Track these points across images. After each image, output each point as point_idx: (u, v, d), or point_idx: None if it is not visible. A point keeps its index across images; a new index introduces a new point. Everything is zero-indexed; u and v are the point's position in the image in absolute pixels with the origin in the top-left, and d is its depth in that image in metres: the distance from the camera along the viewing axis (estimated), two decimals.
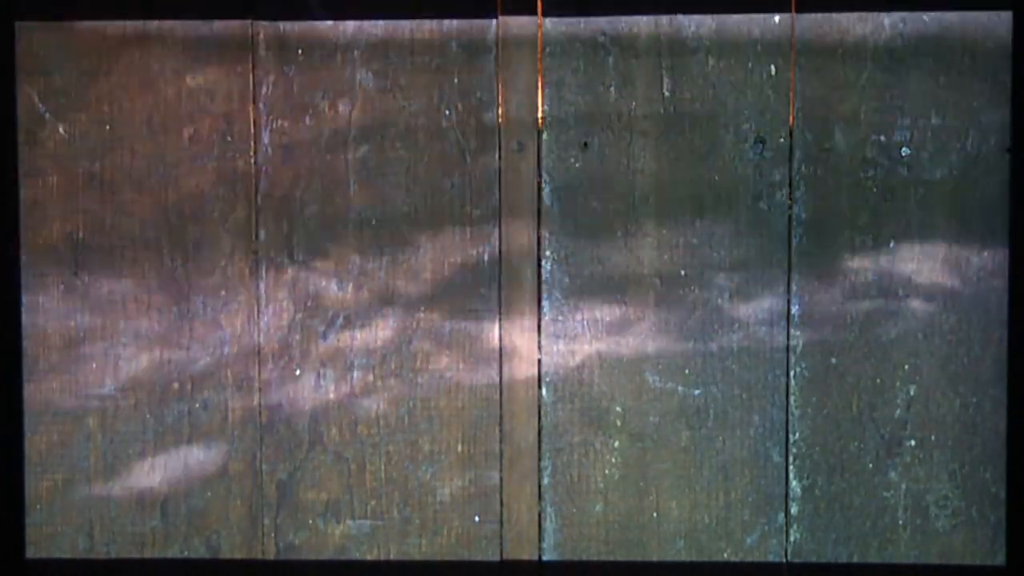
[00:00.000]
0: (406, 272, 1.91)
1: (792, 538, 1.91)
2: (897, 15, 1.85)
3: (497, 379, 1.91)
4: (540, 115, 1.89)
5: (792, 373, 1.89)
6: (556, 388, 1.91)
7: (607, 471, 1.92)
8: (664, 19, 1.87)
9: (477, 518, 1.93)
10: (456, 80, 1.89)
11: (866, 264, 1.87)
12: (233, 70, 1.90)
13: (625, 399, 1.90)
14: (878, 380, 1.89)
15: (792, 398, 1.89)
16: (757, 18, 1.86)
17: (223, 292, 1.92)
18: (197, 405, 1.93)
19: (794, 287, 1.88)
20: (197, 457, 1.94)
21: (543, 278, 1.90)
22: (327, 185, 1.90)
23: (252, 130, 1.90)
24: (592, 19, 1.87)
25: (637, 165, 1.88)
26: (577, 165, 1.89)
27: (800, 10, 1.86)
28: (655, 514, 1.92)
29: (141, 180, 1.91)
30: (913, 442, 1.89)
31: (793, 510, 1.91)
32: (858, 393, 1.89)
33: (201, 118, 1.91)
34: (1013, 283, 1.86)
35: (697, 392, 1.90)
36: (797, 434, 1.90)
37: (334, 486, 1.93)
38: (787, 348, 1.89)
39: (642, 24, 1.87)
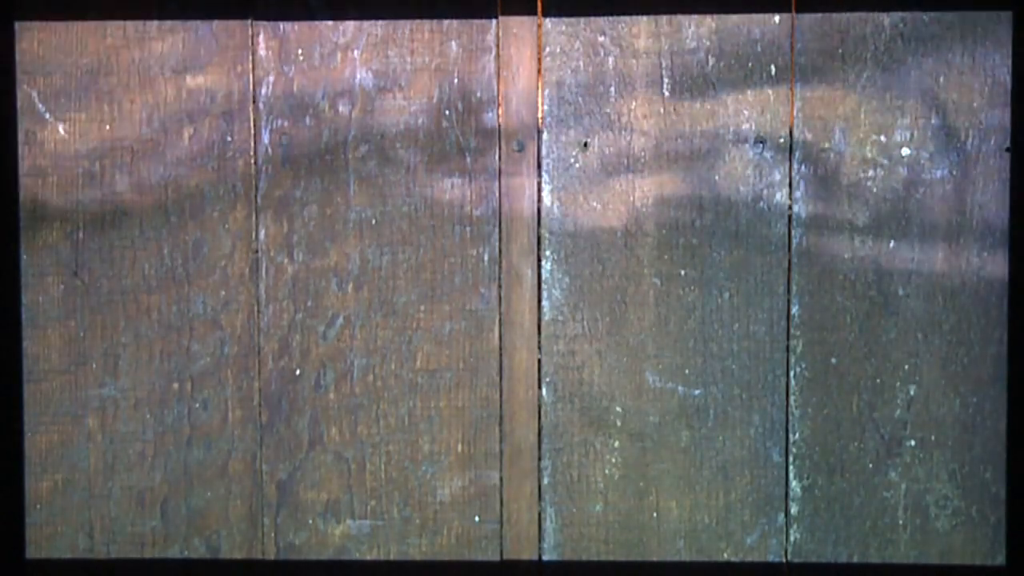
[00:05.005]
0: (406, 272, 1.91)
1: (792, 538, 1.91)
2: (897, 15, 1.85)
3: (497, 379, 1.91)
4: (540, 115, 1.89)
5: (792, 373, 1.89)
6: (556, 388, 1.91)
7: (607, 471, 1.92)
8: (664, 19, 1.87)
9: (477, 518, 1.93)
10: (456, 80, 1.89)
11: (866, 263, 1.87)
12: (233, 70, 1.90)
13: (625, 399, 1.90)
14: (878, 380, 1.89)
15: (792, 398, 1.89)
16: (757, 18, 1.86)
17: (223, 292, 1.92)
18: (197, 405, 1.93)
19: (794, 287, 1.88)
20: (197, 457, 1.94)
21: (543, 278, 1.90)
22: (327, 185, 1.90)
23: (252, 130, 1.91)
24: (592, 19, 1.87)
25: (637, 165, 1.88)
26: (577, 165, 1.89)
27: (800, 10, 1.86)
28: (655, 514, 1.92)
29: (141, 180, 1.91)
30: (913, 442, 1.89)
31: (793, 510, 1.91)
32: (858, 393, 1.89)
33: (201, 118, 1.91)
34: (1013, 283, 1.86)
35: (697, 392, 1.90)
36: (797, 434, 1.90)
37: (334, 486, 1.94)
38: (787, 348, 1.89)
39: (642, 24, 1.87)
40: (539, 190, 1.89)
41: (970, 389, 1.88)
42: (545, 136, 1.89)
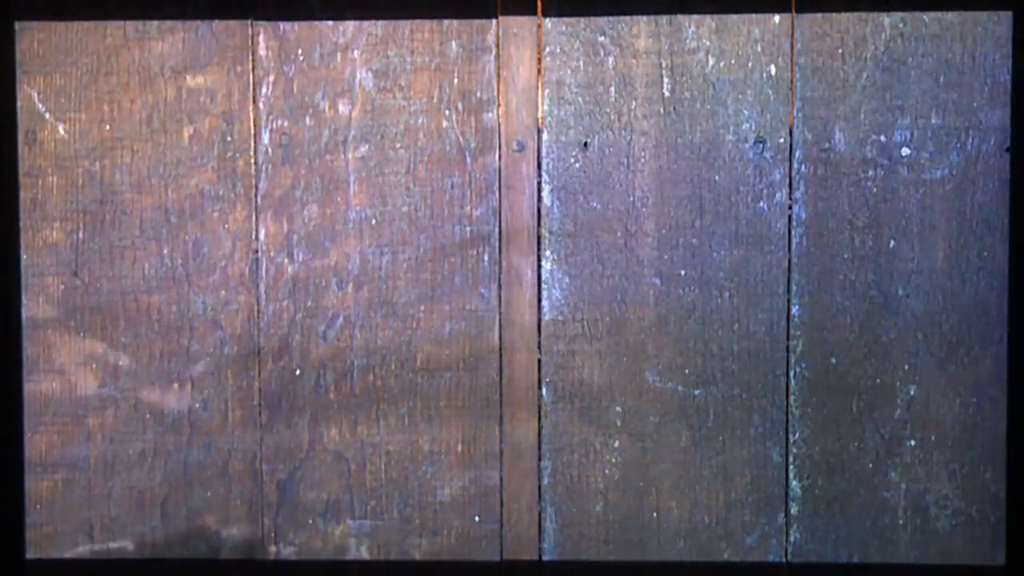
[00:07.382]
0: (406, 272, 1.91)
1: (792, 538, 1.91)
2: (897, 15, 1.85)
3: (497, 379, 1.91)
4: (540, 115, 1.89)
5: (792, 373, 1.89)
6: (556, 388, 1.91)
7: (607, 471, 1.92)
8: (664, 19, 1.87)
9: (477, 518, 1.93)
10: (456, 80, 1.89)
11: (866, 263, 1.87)
12: (233, 70, 1.90)
13: (625, 399, 1.90)
14: (878, 380, 1.89)
15: (792, 398, 1.89)
16: (757, 18, 1.86)
17: (223, 292, 1.92)
18: (197, 405, 1.93)
19: (794, 287, 1.88)
20: (197, 457, 1.94)
21: (543, 278, 1.90)
22: (327, 185, 1.90)
23: (252, 130, 1.91)
24: (592, 19, 1.87)
25: (637, 165, 1.88)
26: (577, 165, 1.89)
27: (800, 10, 1.86)
28: (655, 514, 1.92)
29: (141, 180, 1.91)
30: (913, 442, 1.89)
31: (793, 510, 1.91)
32: (858, 393, 1.89)
33: (201, 118, 1.91)
34: (1013, 283, 1.86)
35: (697, 392, 1.90)
36: (797, 434, 1.90)
37: (334, 486, 1.94)
38: (787, 348, 1.89)
39: (642, 24, 1.87)
40: (539, 190, 1.89)
41: (970, 389, 1.88)
42: (545, 136, 1.89)
